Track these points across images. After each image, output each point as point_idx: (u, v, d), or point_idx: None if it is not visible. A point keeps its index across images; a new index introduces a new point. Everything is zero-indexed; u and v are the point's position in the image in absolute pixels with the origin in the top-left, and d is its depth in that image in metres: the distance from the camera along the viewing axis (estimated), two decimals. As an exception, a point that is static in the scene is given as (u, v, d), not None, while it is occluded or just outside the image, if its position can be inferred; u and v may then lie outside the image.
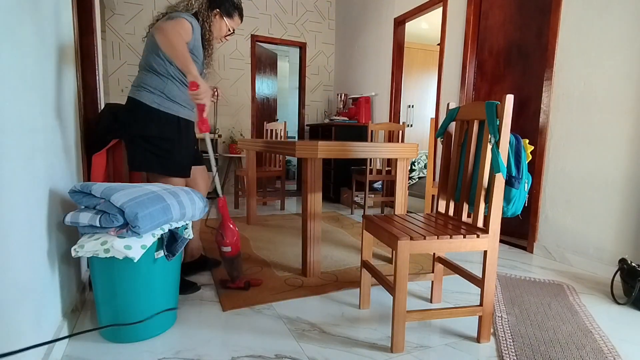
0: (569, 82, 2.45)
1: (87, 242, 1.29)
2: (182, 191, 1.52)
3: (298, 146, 1.94)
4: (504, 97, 1.34)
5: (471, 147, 1.55)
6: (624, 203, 2.17)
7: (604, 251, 2.27)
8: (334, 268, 2.26)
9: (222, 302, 1.76)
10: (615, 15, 2.20)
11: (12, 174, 0.97)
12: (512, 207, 1.53)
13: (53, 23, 1.43)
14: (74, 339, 1.42)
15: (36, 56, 1.21)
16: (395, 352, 1.38)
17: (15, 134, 1.01)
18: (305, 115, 5.54)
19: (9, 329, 0.92)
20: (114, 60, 4.36)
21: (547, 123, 2.59)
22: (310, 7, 5.33)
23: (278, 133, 4.02)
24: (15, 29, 1.03)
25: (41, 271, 1.19)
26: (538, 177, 2.65)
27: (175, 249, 1.46)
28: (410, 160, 3.78)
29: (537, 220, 2.66)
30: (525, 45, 2.83)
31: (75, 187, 1.39)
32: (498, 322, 1.62)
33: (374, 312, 1.71)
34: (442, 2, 3.54)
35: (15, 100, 1.02)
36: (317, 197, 2.06)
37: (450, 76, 3.48)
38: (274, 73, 5.72)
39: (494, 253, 1.42)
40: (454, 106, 1.71)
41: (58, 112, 1.45)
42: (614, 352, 1.41)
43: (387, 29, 4.38)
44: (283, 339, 1.46)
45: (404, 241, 1.32)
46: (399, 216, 1.68)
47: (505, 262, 2.46)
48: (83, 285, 1.74)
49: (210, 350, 1.37)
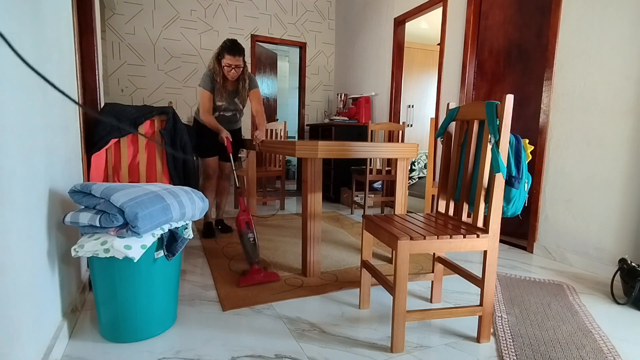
0: (569, 82, 2.45)
1: (87, 242, 1.29)
2: (182, 191, 1.52)
3: (298, 146, 1.94)
4: (504, 97, 1.34)
5: (471, 147, 1.55)
6: (624, 203, 2.17)
7: (604, 251, 2.27)
8: (334, 268, 2.26)
9: (222, 302, 1.76)
10: (616, 15, 2.20)
11: (11, 173, 0.97)
12: (512, 207, 1.53)
13: (53, 23, 1.43)
14: (73, 338, 1.42)
15: (36, 56, 1.21)
16: (395, 352, 1.38)
17: (15, 134, 1.01)
18: (305, 115, 5.54)
19: (8, 329, 0.92)
20: (114, 60, 4.36)
21: (547, 123, 2.59)
22: (310, 7, 5.33)
23: (278, 133, 4.02)
24: (15, 28, 1.03)
25: (41, 271, 1.19)
26: (538, 177, 2.65)
27: (175, 248, 1.46)
28: (410, 160, 3.78)
29: (537, 220, 2.66)
30: (525, 45, 2.83)
31: (75, 187, 1.39)
32: (498, 322, 1.62)
33: (374, 312, 1.71)
34: (442, 2, 3.54)
35: (15, 100, 1.02)
36: (317, 197, 2.06)
37: (450, 76, 3.48)
38: (274, 73, 5.72)
39: (494, 253, 1.42)
40: (454, 106, 1.71)
41: (58, 112, 1.45)
42: (614, 352, 1.41)
43: (387, 28, 4.38)
44: (283, 339, 1.46)
45: (404, 241, 1.32)
46: (399, 216, 1.68)
47: (505, 262, 2.46)
48: (83, 285, 1.74)
49: (210, 350, 1.37)
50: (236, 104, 2.81)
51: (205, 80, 2.64)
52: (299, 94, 5.53)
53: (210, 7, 4.74)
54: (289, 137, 6.99)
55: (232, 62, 2.57)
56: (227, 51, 2.56)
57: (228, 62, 2.57)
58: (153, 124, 2.15)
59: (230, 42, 2.57)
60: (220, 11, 4.80)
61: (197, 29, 4.71)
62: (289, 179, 6.94)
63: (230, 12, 4.86)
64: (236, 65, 2.60)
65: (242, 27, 4.94)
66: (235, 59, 2.57)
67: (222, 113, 2.82)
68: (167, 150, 2.12)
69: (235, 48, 2.56)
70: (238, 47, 2.57)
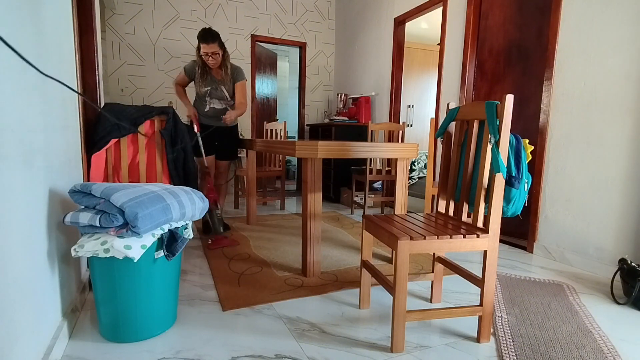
0: (569, 82, 2.45)
1: (87, 242, 1.29)
2: (182, 191, 1.52)
3: (298, 146, 1.94)
4: (504, 97, 1.34)
5: (471, 147, 1.55)
6: (624, 203, 2.17)
7: (604, 251, 2.27)
8: (334, 268, 2.26)
9: (222, 302, 1.76)
10: (616, 14, 2.20)
11: (12, 173, 0.97)
12: (512, 207, 1.53)
13: (53, 23, 1.43)
14: (73, 338, 1.42)
15: (36, 56, 1.21)
16: (395, 352, 1.38)
17: (15, 134, 1.01)
18: (305, 115, 5.54)
19: (8, 329, 0.92)
20: (114, 60, 4.36)
21: (547, 123, 2.58)
22: (310, 7, 5.33)
23: (278, 133, 4.02)
24: (15, 28, 1.03)
25: (41, 271, 1.19)
26: (538, 177, 2.65)
27: (175, 248, 1.46)
28: (410, 160, 3.78)
29: (537, 220, 2.66)
30: (525, 45, 2.83)
31: (75, 187, 1.39)
32: (498, 322, 1.62)
33: (374, 312, 1.71)
34: (442, 2, 3.54)
35: (15, 99, 1.02)
36: (317, 197, 2.06)
37: (450, 76, 3.48)
38: (274, 73, 5.72)
39: (494, 253, 1.42)
40: (454, 106, 1.71)
41: (58, 112, 1.45)
42: (614, 352, 1.41)
43: (387, 28, 4.38)
44: (283, 339, 1.46)
45: (404, 241, 1.32)
46: (399, 216, 1.68)
47: (505, 262, 2.46)
48: (83, 285, 1.74)
49: (210, 350, 1.37)
50: (222, 92, 2.87)
51: (189, 64, 2.82)
52: (299, 94, 5.52)
53: (210, 7, 4.74)
54: (289, 137, 6.99)
55: (208, 50, 2.63)
56: (201, 40, 2.63)
57: (204, 50, 2.64)
58: (153, 124, 2.15)
59: (203, 31, 2.62)
60: (220, 11, 4.80)
61: (197, 29, 4.71)
62: (289, 179, 6.94)
63: (230, 12, 4.86)
64: (212, 52, 2.65)
65: (242, 27, 4.93)
66: (209, 47, 2.62)
67: (212, 106, 2.88)
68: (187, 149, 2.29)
69: (207, 35, 2.61)
70: (210, 34, 2.61)
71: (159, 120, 2.16)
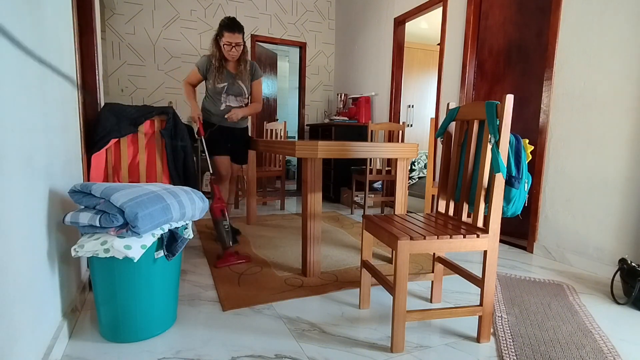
0: (569, 82, 2.45)
1: (87, 242, 1.29)
2: (182, 191, 1.52)
3: (298, 146, 1.94)
4: (504, 97, 1.34)
5: (471, 147, 1.55)
6: (624, 203, 2.17)
7: (604, 251, 2.27)
8: (334, 268, 2.26)
9: (222, 302, 1.76)
10: (615, 15, 2.20)
11: (12, 173, 0.97)
12: (512, 207, 1.53)
13: (53, 23, 1.43)
14: (73, 338, 1.42)
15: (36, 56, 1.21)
16: (395, 352, 1.38)
17: (15, 134, 1.01)
18: (305, 115, 5.54)
19: (8, 329, 0.92)
20: (114, 60, 4.36)
21: (547, 123, 2.58)
22: (310, 7, 5.33)
23: (278, 133, 4.02)
24: (15, 28, 1.03)
25: (41, 271, 1.19)
26: (538, 177, 2.65)
27: (175, 248, 1.46)
28: (410, 160, 3.78)
29: (537, 220, 2.66)
30: (525, 45, 2.83)
31: (75, 187, 1.39)
32: (498, 322, 1.62)
33: (374, 312, 1.71)
34: (442, 2, 3.54)
35: (15, 100, 1.02)
36: (317, 197, 2.06)
37: (450, 76, 3.48)
38: (274, 73, 5.72)
39: (494, 253, 1.42)
40: (454, 106, 1.71)
41: (58, 112, 1.45)
42: (614, 352, 1.41)
43: (387, 28, 4.38)
44: (283, 339, 1.46)
45: (404, 241, 1.32)
46: (399, 216, 1.68)
47: (505, 262, 2.46)
48: (83, 285, 1.74)
49: (210, 350, 1.37)
50: (240, 87, 2.67)
51: (202, 60, 2.61)
52: (299, 94, 5.52)
53: (210, 7, 4.74)
54: (289, 137, 6.99)
55: (232, 40, 2.48)
56: (225, 29, 2.47)
57: (228, 40, 2.47)
58: (153, 124, 2.15)
59: (229, 20, 2.48)
60: (220, 11, 4.80)
61: (197, 29, 4.71)
62: (289, 179, 6.94)
63: (230, 12, 4.86)
64: (236, 44, 2.50)
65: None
66: (234, 36, 2.47)
67: (229, 104, 2.69)
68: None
69: (234, 25, 2.47)
70: (237, 24, 2.48)
71: (159, 120, 2.16)
